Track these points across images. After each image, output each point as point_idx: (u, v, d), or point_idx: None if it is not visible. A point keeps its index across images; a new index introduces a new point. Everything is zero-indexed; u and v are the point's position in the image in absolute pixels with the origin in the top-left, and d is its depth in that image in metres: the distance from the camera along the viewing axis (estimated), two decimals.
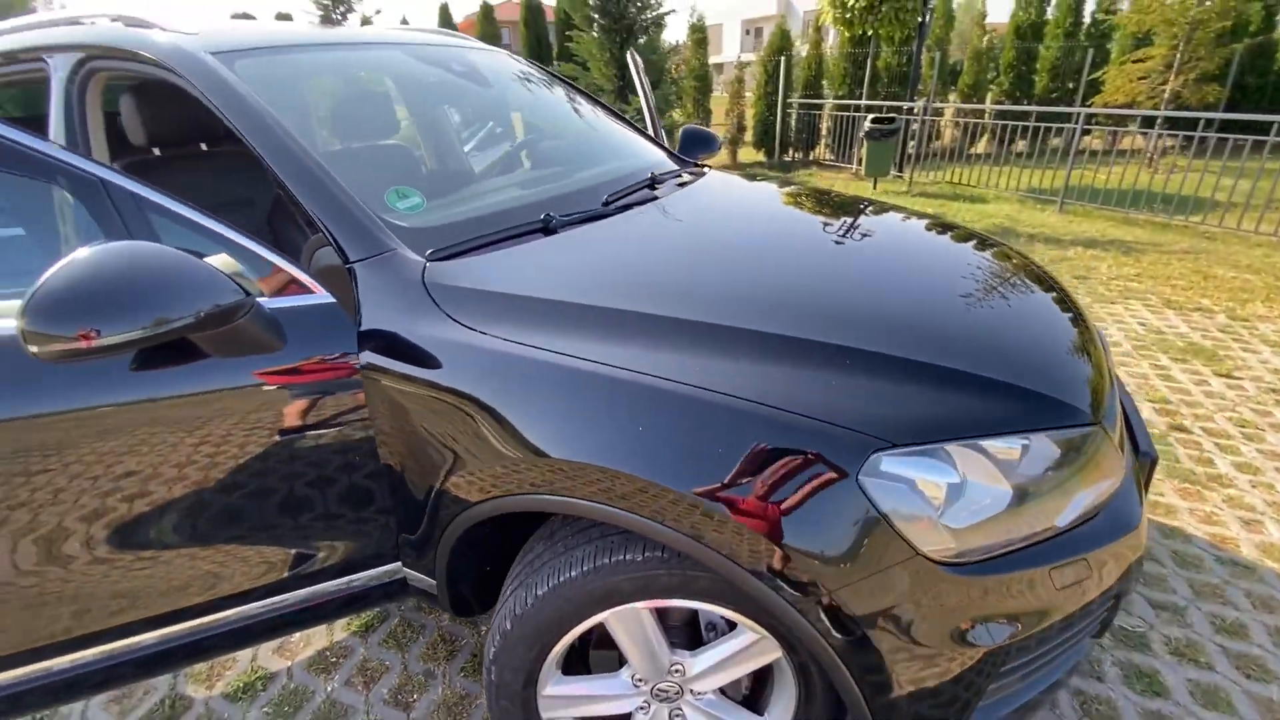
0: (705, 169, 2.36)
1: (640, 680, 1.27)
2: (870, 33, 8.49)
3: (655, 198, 1.80)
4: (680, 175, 2.12)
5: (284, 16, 10.06)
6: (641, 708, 1.30)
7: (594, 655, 1.34)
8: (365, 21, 10.54)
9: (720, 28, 48.59)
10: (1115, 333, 3.87)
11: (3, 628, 1.23)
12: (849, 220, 1.97)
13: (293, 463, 1.26)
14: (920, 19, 8.13)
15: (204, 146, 2.07)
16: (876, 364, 1.09)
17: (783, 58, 10.07)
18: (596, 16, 7.65)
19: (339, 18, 9.53)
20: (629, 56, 3.17)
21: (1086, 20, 10.91)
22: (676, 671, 1.25)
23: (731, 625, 1.19)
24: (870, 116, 7.90)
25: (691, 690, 1.27)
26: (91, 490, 1.16)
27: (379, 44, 1.90)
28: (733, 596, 1.09)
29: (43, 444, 1.12)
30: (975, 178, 8.09)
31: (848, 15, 8.26)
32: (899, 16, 7.88)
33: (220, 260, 1.20)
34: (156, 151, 1.99)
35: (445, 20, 10.64)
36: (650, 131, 2.86)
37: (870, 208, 2.12)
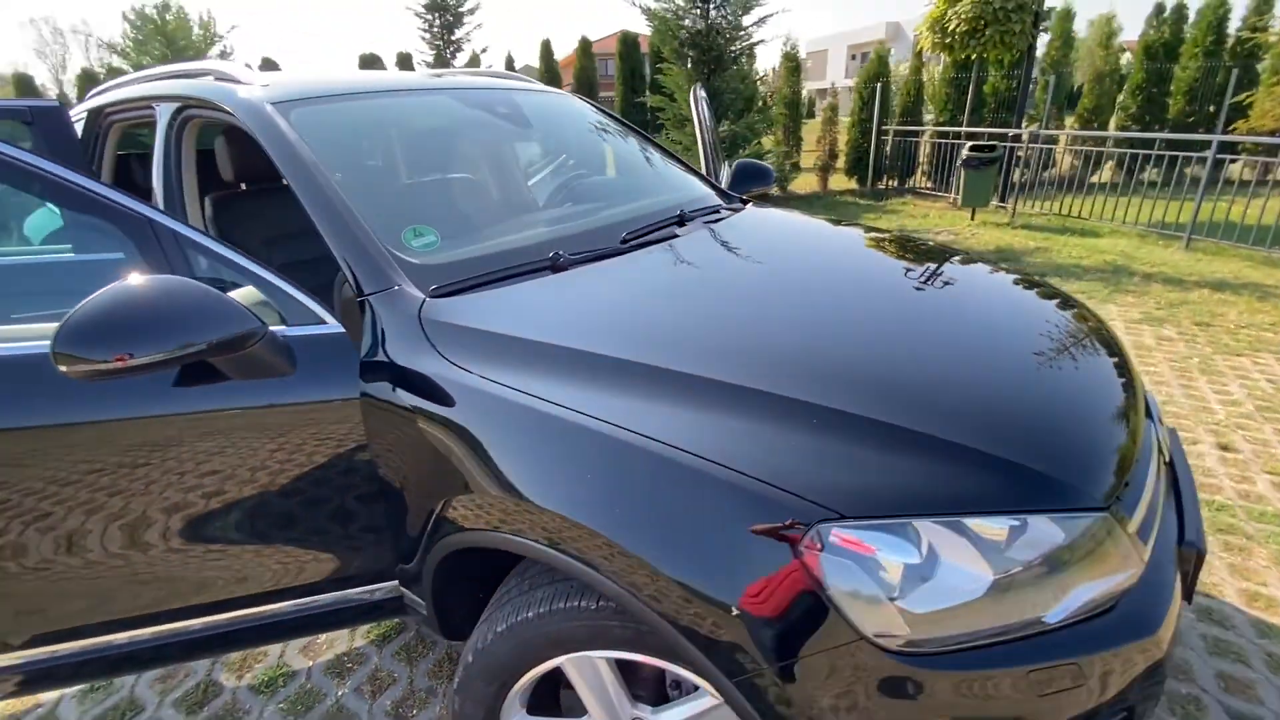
0: (744, 204, 2.33)
1: None
2: (974, 57, 8.07)
3: (675, 235, 1.80)
4: (717, 212, 2.11)
5: (405, 56, 11.01)
6: None
7: (564, 697, 1.34)
8: (474, 59, 11.31)
9: (825, 54, 48.01)
10: (1236, 390, 3.41)
11: (73, 604, 1.39)
12: (875, 260, 1.88)
13: (300, 479, 1.35)
14: (1029, 41, 7.64)
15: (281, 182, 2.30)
16: (849, 427, 1.02)
17: (879, 84, 9.78)
18: (685, 49, 7.78)
19: (449, 55, 10.29)
20: (692, 92, 3.20)
21: (1230, 38, 9.82)
22: None
23: (696, 686, 1.15)
24: (969, 144, 7.49)
25: None
26: (133, 492, 1.30)
27: (429, 90, 2.04)
28: (686, 657, 1.05)
29: (76, 449, 1.27)
30: (1093, 209, 7.43)
31: (948, 40, 7.90)
32: (1004, 40, 7.43)
33: (244, 292, 1.32)
34: (242, 186, 2.24)
35: (547, 55, 11.21)
36: (706, 166, 2.88)
37: (908, 246, 2.01)
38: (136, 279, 1.12)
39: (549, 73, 11.30)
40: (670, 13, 7.84)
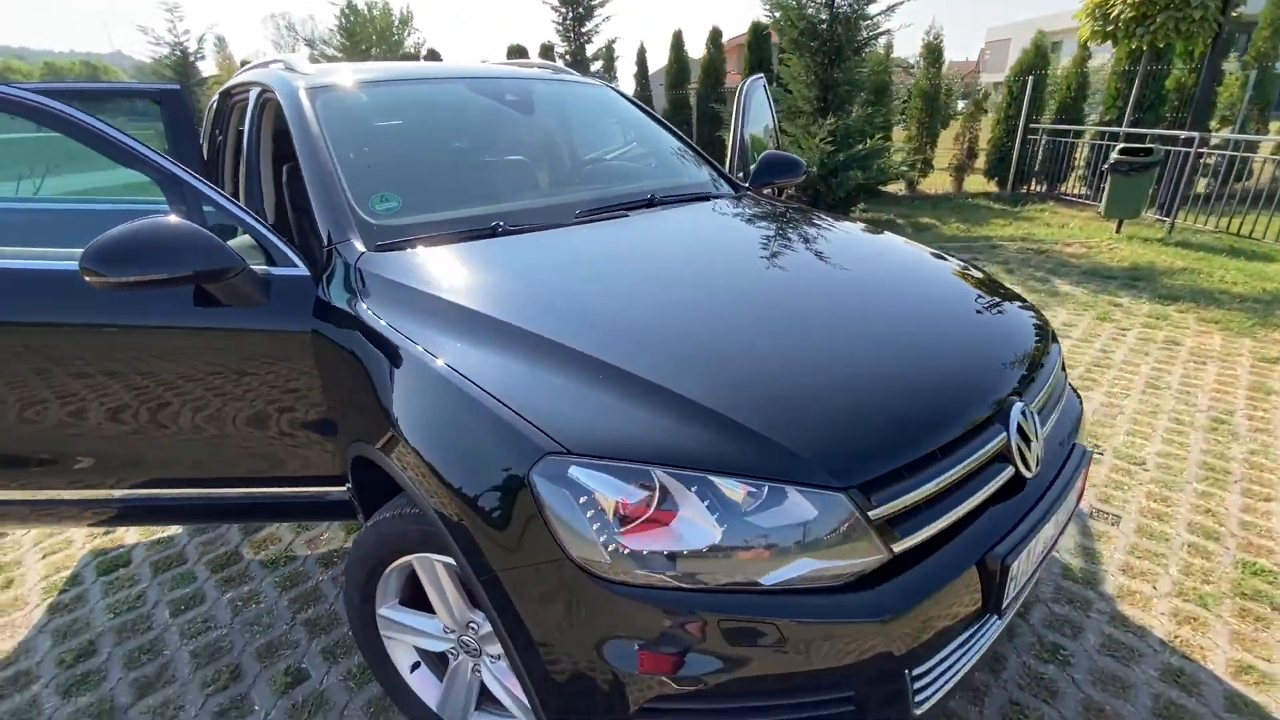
0: (741, 193, 2.40)
1: (449, 629, 1.46)
2: (1144, 46, 7.04)
3: (626, 215, 1.96)
4: (703, 199, 2.22)
5: (547, 47, 11.74)
6: (451, 653, 1.50)
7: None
8: (606, 50, 11.75)
9: (1008, 43, 43.40)
10: None
11: (122, 461, 1.83)
12: (793, 246, 1.94)
13: (269, 391, 1.70)
14: (1214, 30, 6.53)
15: None
16: (615, 379, 1.16)
17: (1030, 77, 8.86)
18: (805, 39, 7.60)
19: (580, 46, 10.82)
20: (740, 88, 3.26)
21: None
22: (473, 629, 1.42)
23: None
24: (1119, 146, 6.62)
25: (487, 652, 1.43)
26: (145, 385, 1.71)
27: (447, 78, 2.34)
28: (454, 555, 1.20)
29: (100, 347, 1.67)
30: None
31: (1109, 28, 6.95)
32: (1180, 28, 6.40)
33: (241, 240, 1.69)
34: None
35: (677, 45, 11.40)
36: (732, 159, 2.96)
37: (854, 237, 2.07)
38: (151, 219, 1.50)
39: (678, 63, 11.48)
40: (794, 2, 7.68)
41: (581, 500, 1.02)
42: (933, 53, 9.81)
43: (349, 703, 1.76)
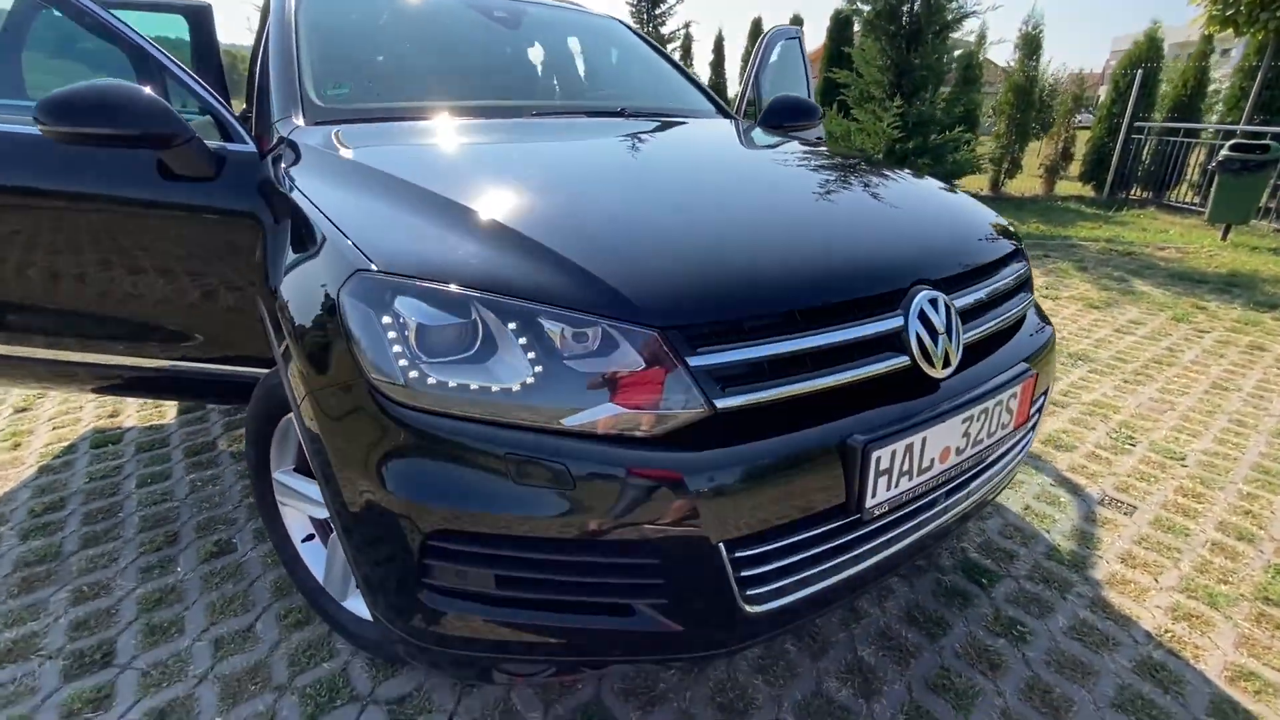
0: (728, 119, 2.29)
1: None
2: (1273, 36, 6.23)
3: (579, 117, 1.91)
4: (680, 120, 2.13)
5: None
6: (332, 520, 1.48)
7: None
8: (684, 34, 11.67)
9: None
10: None
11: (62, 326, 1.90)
12: (753, 149, 1.82)
13: (223, 268, 1.74)
14: None
15: None
16: (451, 212, 1.11)
17: (1140, 71, 8.06)
18: (880, 21, 7.24)
19: (652, 27, 10.79)
20: (761, 39, 3.13)
21: None
22: None
23: None
24: (1231, 142, 5.89)
25: None
26: (93, 246, 1.78)
27: None
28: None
29: (57, 210, 1.74)
30: None
31: (1229, 13, 6.19)
32: None
33: (203, 121, 1.75)
34: None
35: (755, 33, 11.16)
36: (741, 97, 2.85)
37: (811, 150, 1.93)
38: (111, 80, 1.56)
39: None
40: None
41: (385, 321, 0.96)
42: (1030, 44, 9.12)
43: (261, 575, 1.78)
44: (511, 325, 0.94)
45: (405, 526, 0.96)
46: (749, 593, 0.97)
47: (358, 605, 1.45)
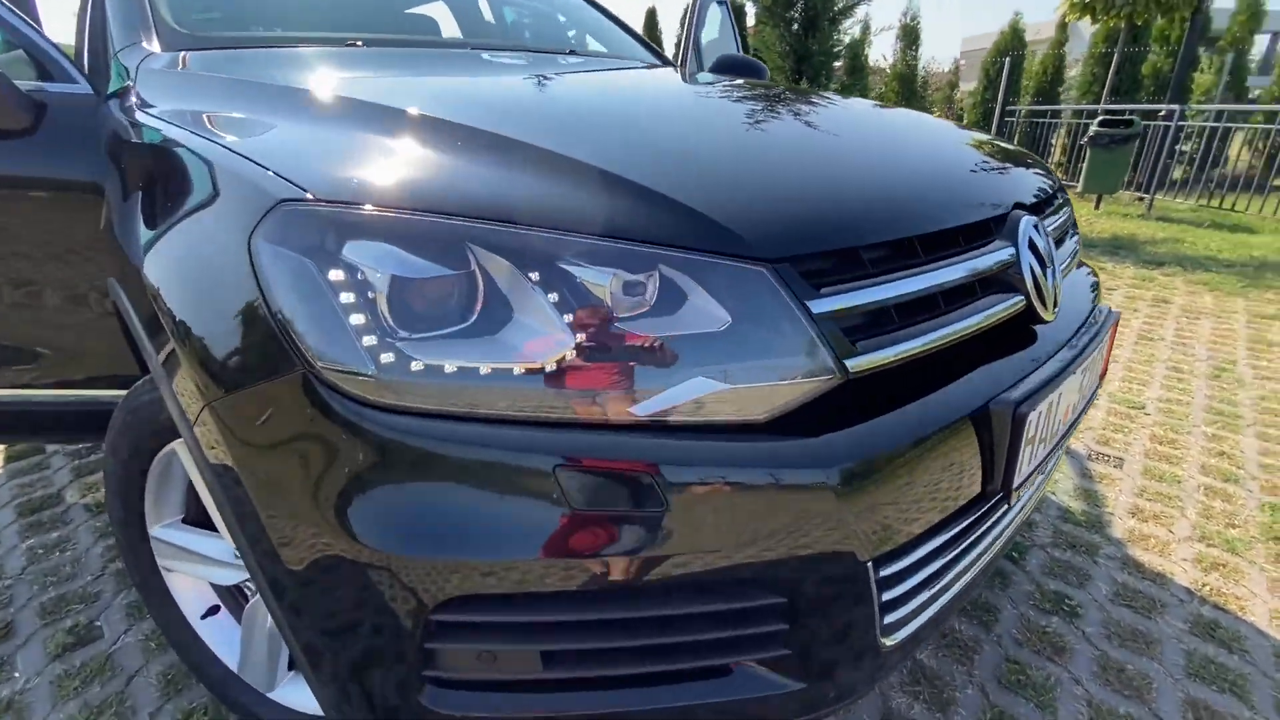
0: (659, 66, 2.04)
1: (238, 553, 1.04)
2: (1124, 24, 6.86)
3: (491, 51, 1.60)
4: (601, 62, 1.85)
5: (650, 10, 11.09)
6: (247, 586, 1.07)
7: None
8: None
9: (983, 54, 43.87)
10: None
11: None
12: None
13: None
14: (1193, 6, 6.35)
15: None
16: (430, 133, 0.77)
17: (1006, 59, 8.68)
18: (777, 7, 7.31)
19: None
20: (691, 4, 2.91)
21: None
22: None
23: None
24: (1098, 119, 6.41)
25: None
26: None
27: None
28: None
29: None
30: (1263, 208, 6.15)
31: (1089, 1, 6.76)
32: (1160, 4, 6.22)
33: (12, 55, 1.26)
34: None
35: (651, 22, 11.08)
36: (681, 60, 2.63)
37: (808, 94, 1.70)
38: None
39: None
40: None
41: (333, 276, 0.61)
42: (909, 35, 9.61)
43: (143, 668, 1.32)
44: (534, 274, 0.62)
45: (392, 595, 0.61)
46: (888, 617, 0.71)
47: (293, 695, 1.06)
